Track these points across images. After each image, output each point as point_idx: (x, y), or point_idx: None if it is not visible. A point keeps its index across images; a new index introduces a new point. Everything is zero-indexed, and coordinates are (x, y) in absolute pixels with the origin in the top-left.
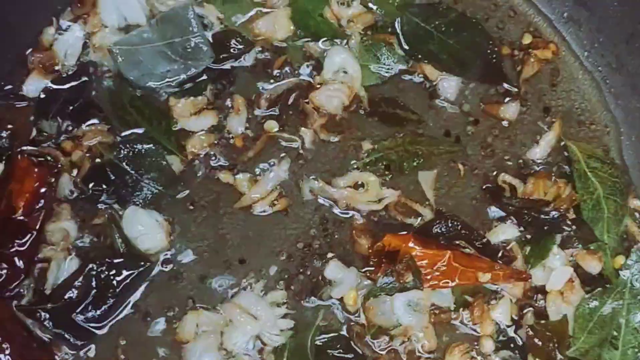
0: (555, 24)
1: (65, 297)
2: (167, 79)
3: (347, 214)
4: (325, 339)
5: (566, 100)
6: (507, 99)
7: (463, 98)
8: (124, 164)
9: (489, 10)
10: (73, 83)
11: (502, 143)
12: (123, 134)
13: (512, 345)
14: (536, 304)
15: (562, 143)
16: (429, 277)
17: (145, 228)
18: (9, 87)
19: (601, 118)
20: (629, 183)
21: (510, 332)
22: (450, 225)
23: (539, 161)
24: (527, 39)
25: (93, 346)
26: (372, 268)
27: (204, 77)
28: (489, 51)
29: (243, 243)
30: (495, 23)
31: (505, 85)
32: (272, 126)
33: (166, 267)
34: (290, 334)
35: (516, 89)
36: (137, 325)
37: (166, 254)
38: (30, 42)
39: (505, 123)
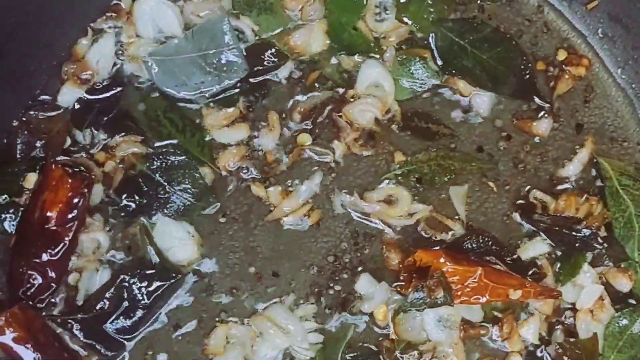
0: (589, 40)
1: (97, 307)
2: (200, 90)
3: (378, 228)
4: (355, 354)
5: (599, 117)
6: (540, 115)
7: (496, 113)
8: (156, 175)
9: (522, 26)
10: (107, 94)
11: (534, 159)
12: (156, 145)
13: None
14: (566, 322)
15: (594, 160)
16: (459, 293)
17: (176, 240)
18: (44, 97)
19: (634, 135)
20: None
21: (540, 349)
22: (481, 241)
23: (571, 178)
24: (561, 55)
25: (123, 357)
26: (403, 283)
27: (237, 89)
28: (522, 67)
29: (274, 256)
30: (529, 39)
31: (538, 101)
32: (305, 139)
33: (197, 279)
34: (319, 348)
35: (549, 105)
36: (168, 336)
37: (197, 266)
38: (65, 53)
39: (537, 139)
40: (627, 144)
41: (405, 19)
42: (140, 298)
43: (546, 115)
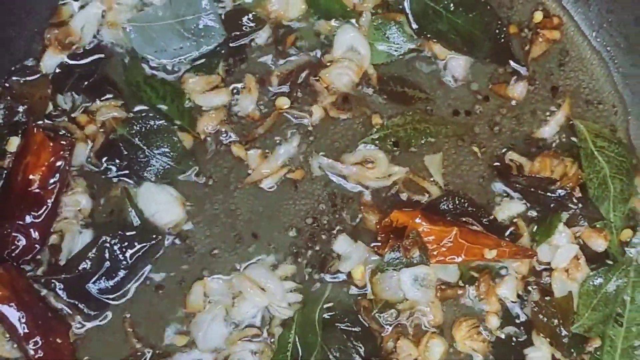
0: (564, 4)
1: (79, 268)
2: (179, 56)
3: (356, 190)
4: (333, 313)
5: (574, 80)
6: (515, 78)
7: (471, 77)
8: (136, 139)
9: None
10: (88, 59)
11: (509, 122)
12: (136, 109)
13: (517, 321)
14: (541, 281)
15: (570, 122)
16: (435, 252)
17: (161, 204)
18: (26, 62)
19: (609, 98)
20: (636, 162)
21: (516, 308)
22: (457, 202)
23: (546, 140)
24: (537, 18)
25: (106, 316)
26: (380, 243)
27: (217, 54)
28: (497, 31)
29: (253, 218)
30: (504, 2)
31: (513, 65)
32: (283, 103)
33: (178, 241)
34: (298, 307)
35: (524, 69)
36: (149, 297)
37: (179, 228)
38: (47, 18)
39: (513, 102)
40: (602, 107)
41: None
42: (122, 259)
43: (521, 79)
